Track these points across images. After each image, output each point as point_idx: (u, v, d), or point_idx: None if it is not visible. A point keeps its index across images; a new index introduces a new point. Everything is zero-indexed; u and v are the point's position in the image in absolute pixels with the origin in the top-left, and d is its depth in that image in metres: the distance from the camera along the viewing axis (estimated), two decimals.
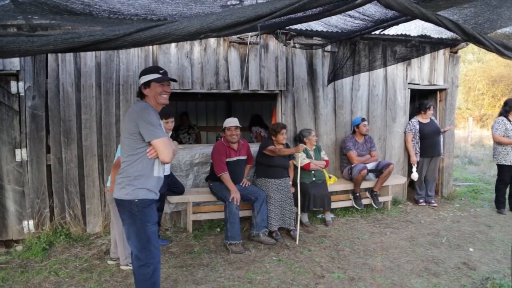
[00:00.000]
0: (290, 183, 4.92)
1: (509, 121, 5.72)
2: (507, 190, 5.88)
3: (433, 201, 6.23)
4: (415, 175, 5.99)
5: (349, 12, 3.75)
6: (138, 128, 2.60)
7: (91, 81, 4.66)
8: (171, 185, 4.51)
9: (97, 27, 3.25)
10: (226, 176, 4.44)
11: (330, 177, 5.46)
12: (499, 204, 5.89)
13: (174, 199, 4.70)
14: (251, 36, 5.12)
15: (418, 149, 6.09)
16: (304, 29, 4.76)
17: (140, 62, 4.81)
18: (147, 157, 2.66)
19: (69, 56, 4.57)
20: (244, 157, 4.76)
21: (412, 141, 6.10)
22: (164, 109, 3.01)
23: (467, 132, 17.20)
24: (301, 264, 3.95)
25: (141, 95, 2.77)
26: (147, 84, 2.70)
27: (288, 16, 3.48)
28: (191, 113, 8.65)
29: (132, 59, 4.78)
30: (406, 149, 6.28)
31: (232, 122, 4.61)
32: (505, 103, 5.88)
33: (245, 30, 3.68)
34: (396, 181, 5.93)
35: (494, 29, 3.74)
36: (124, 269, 3.75)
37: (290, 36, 5.32)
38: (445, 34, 4.94)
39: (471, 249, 4.41)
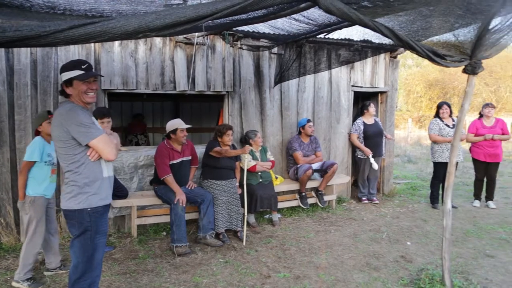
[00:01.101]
0: (237, 184, 4.92)
1: (442, 121, 6.12)
2: (441, 186, 6.28)
3: (375, 198, 6.51)
4: (375, 165, 6.21)
5: (294, 16, 3.83)
6: (70, 134, 2.37)
7: (26, 80, 4.39)
8: (114, 189, 4.34)
9: (33, 22, 3.07)
10: (170, 179, 4.35)
11: (276, 178, 5.54)
12: (433, 199, 6.28)
13: (117, 203, 4.54)
14: (198, 37, 5.06)
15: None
16: (251, 31, 4.79)
17: None
18: (90, 160, 2.45)
19: (0, 52, 4.27)
20: (189, 158, 4.69)
21: (357, 139, 6.33)
22: (98, 108, 2.83)
23: (407, 132, 18.16)
24: (248, 265, 3.96)
25: (65, 94, 2.50)
26: (68, 82, 2.43)
27: (232, 18, 3.49)
28: None
29: (72, 56, 4.56)
30: (352, 148, 6.53)
31: (182, 123, 4.53)
32: (439, 106, 6.29)
33: (188, 31, 3.64)
34: (340, 180, 6.14)
35: (427, 37, 3.98)
36: (15, 286, 3.43)
37: (237, 38, 5.34)
38: (384, 39, 5.18)
39: (408, 243, 4.65)
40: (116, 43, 4.73)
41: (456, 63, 3.07)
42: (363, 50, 5.84)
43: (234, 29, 4.81)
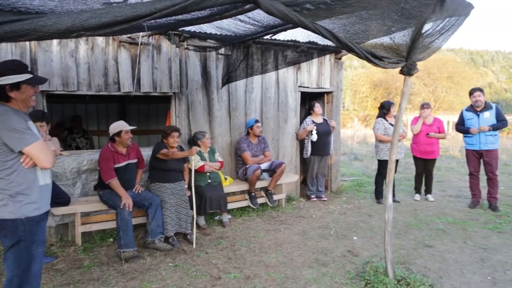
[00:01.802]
0: (186, 186, 4.86)
1: (387, 121, 6.41)
2: (385, 182, 6.57)
3: (323, 196, 6.68)
4: (314, 137, 6.31)
5: (239, 17, 3.83)
6: (1, 139, 2.23)
7: None
8: (54, 196, 4.12)
9: None
10: (115, 183, 4.21)
11: (226, 179, 5.53)
12: (378, 195, 6.56)
13: (59, 210, 4.32)
14: (143, 36, 4.94)
15: (310, 148, 6.46)
16: (197, 31, 4.75)
17: None
18: (24, 167, 2.31)
19: None
20: (135, 161, 4.57)
21: (306, 138, 6.46)
22: (34, 111, 2.69)
23: (353, 131, 18.82)
24: (198, 268, 3.92)
25: (4, 98, 2.33)
26: (15, 86, 2.31)
27: (176, 18, 3.45)
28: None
29: (5, 56, 4.27)
30: (300, 147, 6.66)
31: (126, 125, 4.40)
32: (382, 106, 6.58)
33: (128, 30, 3.54)
34: (289, 179, 6.24)
35: (367, 39, 4.15)
36: None
37: (183, 38, 5.27)
38: (329, 41, 5.33)
39: (355, 238, 4.82)
40: (55, 41, 4.51)
41: (393, 65, 3.23)
42: (309, 51, 6.00)
43: (180, 29, 4.75)
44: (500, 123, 5.94)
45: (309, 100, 7.35)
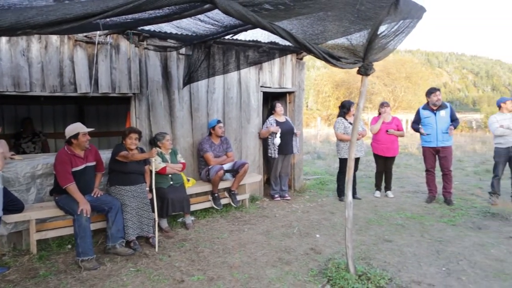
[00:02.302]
0: (147, 189, 4.75)
1: (347, 120, 6.54)
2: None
3: (286, 195, 6.74)
4: (277, 140, 6.37)
5: (199, 17, 3.80)
6: None
7: None
8: (6, 203, 3.93)
9: None
10: (72, 187, 4.05)
11: (188, 180, 5.46)
12: (340, 193, 6.69)
13: (12, 218, 4.11)
14: (100, 35, 4.79)
15: (276, 147, 6.48)
16: (157, 31, 4.66)
17: None
18: None
19: None
20: (93, 163, 4.42)
21: (269, 138, 6.49)
22: None
23: (316, 130, 19.12)
24: (161, 272, 3.85)
25: None
26: None
27: (134, 16, 3.36)
28: (35, 119, 7.71)
29: None
30: (263, 146, 6.69)
31: (83, 127, 4.25)
32: (342, 105, 6.71)
33: (81, 29, 3.42)
34: (253, 179, 6.25)
35: (326, 40, 4.21)
36: None
37: (142, 37, 5.15)
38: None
39: (317, 236, 4.89)
40: (4, 39, 4.28)
41: (351, 65, 3.30)
42: (271, 51, 6.03)
43: (139, 28, 4.64)
44: (455, 122, 6.27)
45: (271, 100, 7.39)
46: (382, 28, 3.34)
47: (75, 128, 4.23)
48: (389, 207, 6.23)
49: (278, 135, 6.33)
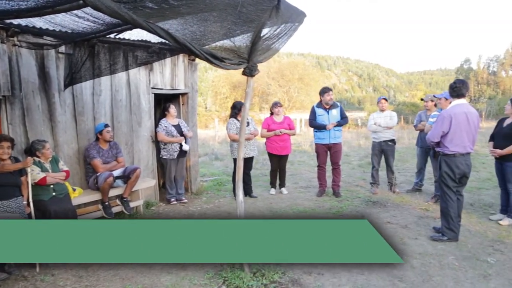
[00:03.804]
0: (25, 202, 4.26)
1: (238, 121, 6.66)
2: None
3: (183, 198, 6.63)
4: (186, 146, 6.38)
5: (76, 12, 3.51)
6: None
7: None
8: None
9: None
10: None
11: (74, 190, 5.04)
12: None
13: None
14: None
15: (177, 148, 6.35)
16: (30, 26, 4.19)
17: None
18: None
19: None
20: None
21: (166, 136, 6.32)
22: None
23: (215, 131, 19.22)
24: None
25: None
26: None
27: None
28: None
29: None
30: (157, 150, 6.49)
31: None
32: (234, 106, 6.83)
33: None
34: (146, 184, 6.02)
35: (214, 41, 4.23)
36: None
37: (11, 33, 4.61)
38: None
39: None
40: None
41: (235, 66, 3.35)
42: (162, 51, 5.85)
43: (7, 22, 4.15)
44: (343, 120, 6.82)
45: (164, 102, 7.21)
46: (265, 31, 3.46)
47: None
48: (283, 203, 6.50)
49: (189, 140, 6.33)
